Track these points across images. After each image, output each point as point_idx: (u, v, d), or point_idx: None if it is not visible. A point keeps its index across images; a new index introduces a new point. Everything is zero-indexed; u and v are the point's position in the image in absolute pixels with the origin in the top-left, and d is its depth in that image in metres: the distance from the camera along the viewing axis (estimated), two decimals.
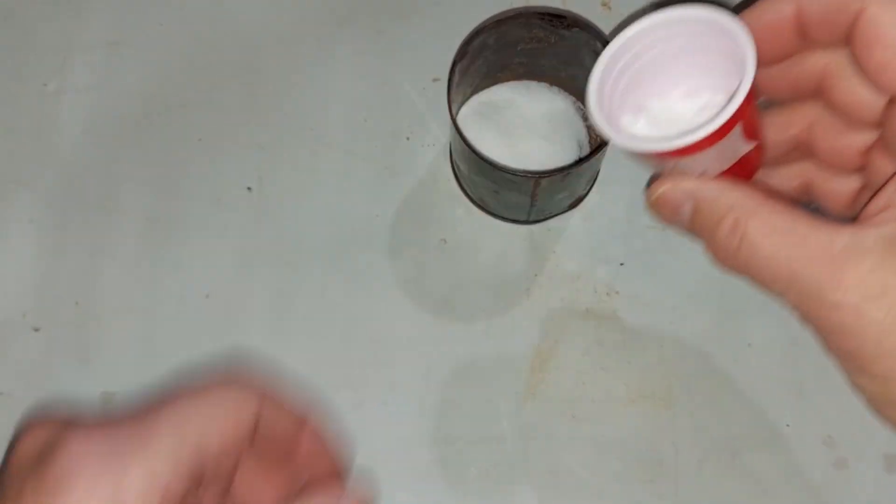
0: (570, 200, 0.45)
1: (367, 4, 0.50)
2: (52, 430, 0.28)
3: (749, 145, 0.29)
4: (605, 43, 0.39)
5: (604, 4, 0.49)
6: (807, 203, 0.34)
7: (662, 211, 0.31)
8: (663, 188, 0.30)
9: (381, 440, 0.43)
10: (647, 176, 0.47)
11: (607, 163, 0.46)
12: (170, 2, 0.50)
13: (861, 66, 0.29)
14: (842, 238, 0.27)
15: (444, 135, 0.48)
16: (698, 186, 0.30)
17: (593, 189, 0.46)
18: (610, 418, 0.43)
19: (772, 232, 0.28)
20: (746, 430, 0.43)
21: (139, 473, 0.26)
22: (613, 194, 0.46)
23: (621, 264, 0.45)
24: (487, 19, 0.42)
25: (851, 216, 0.30)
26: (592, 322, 0.44)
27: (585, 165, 0.40)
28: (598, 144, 0.45)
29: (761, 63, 0.28)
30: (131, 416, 0.28)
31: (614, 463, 0.42)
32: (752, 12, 0.30)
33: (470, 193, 0.46)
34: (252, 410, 0.30)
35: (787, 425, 0.43)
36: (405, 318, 0.44)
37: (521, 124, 0.45)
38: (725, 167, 0.29)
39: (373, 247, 0.46)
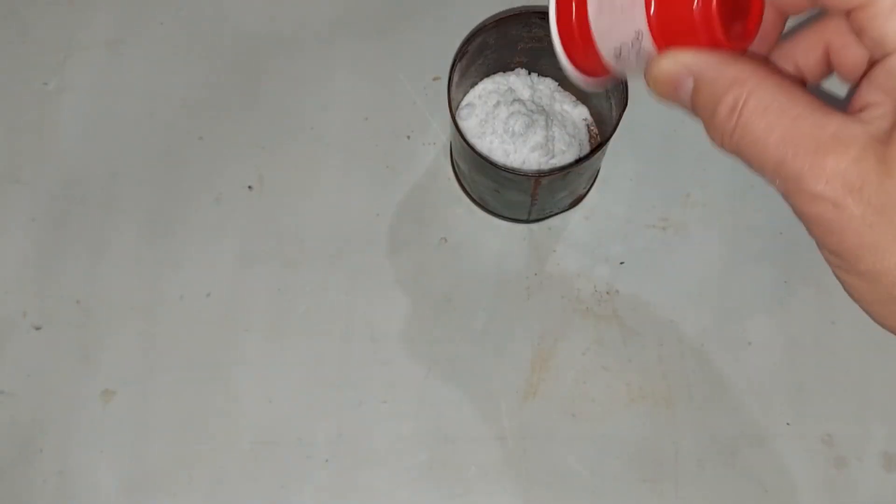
0: (571, 199, 0.45)
1: (367, 4, 0.50)
2: None
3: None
4: None
5: None
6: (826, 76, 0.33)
7: (662, 88, 0.29)
8: (663, 62, 0.29)
9: (381, 439, 0.43)
10: (647, 175, 0.47)
11: (607, 162, 0.46)
12: (170, 1, 0.50)
13: None
14: (832, 125, 0.26)
15: (444, 134, 0.48)
16: (699, 59, 0.28)
17: (593, 188, 0.46)
18: (610, 418, 0.43)
19: (767, 110, 0.27)
20: (746, 429, 0.43)
21: None
22: (614, 193, 0.46)
23: (621, 263, 0.45)
24: (487, 19, 0.42)
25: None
26: (592, 321, 0.44)
27: (585, 164, 0.40)
28: (598, 143, 0.45)
29: None
30: None
31: (614, 462, 0.42)
32: None
33: (470, 192, 0.46)
34: None
35: (787, 424, 0.43)
36: (405, 318, 0.45)
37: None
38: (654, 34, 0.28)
39: (373, 246, 0.46)
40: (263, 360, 0.44)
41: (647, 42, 0.28)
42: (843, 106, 0.28)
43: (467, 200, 0.46)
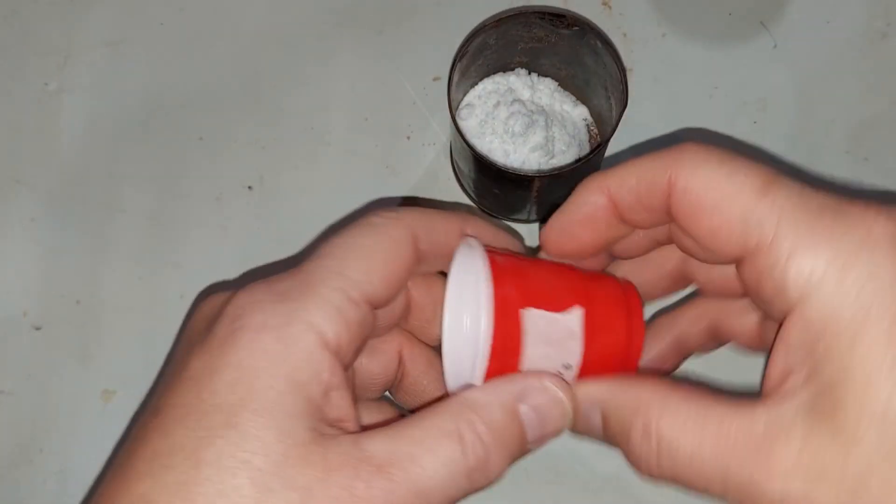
0: None
1: (367, 4, 0.50)
2: (223, 295, 0.27)
3: (578, 321, 0.26)
4: (605, 42, 0.39)
5: (604, 4, 0.50)
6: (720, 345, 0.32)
7: (574, 424, 0.28)
8: (565, 398, 0.27)
9: None
10: None
11: (607, 162, 0.46)
12: (170, 2, 0.50)
13: (693, 238, 0.26)
14: (760, 416, 0.23)
15: (444, 134, 0.48)
16: (602, 390, 0.27)
17: None
18: None
19: (687, 426, 0.24)
20: None
21: (302, 330, 0.24)
22: None
23: None
24: (487, 19, 0.42)
25: (764, 350, 0.27)
26: None
27: (585, 165, 0.40)
28: (598, 143, 0.45)
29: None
30: (294, 269, 0.27)
31: (614, 462, 0.42)
32: (567, 208, 0.28)
33: (470, 192, 0.46)
34: (408, 235, 0.27)
35: None
36: None
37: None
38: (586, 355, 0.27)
39: None
40: None
41: (571, 376, 0.26)
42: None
43: (468, 201, 0.46)
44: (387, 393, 0.31)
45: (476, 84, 0.45)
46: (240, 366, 0.24)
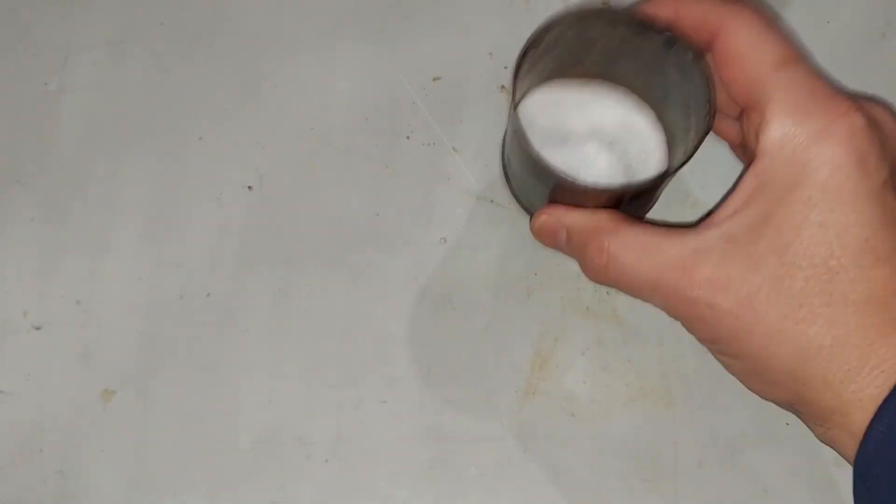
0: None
1: (367, 4, 0.50)
2: None
3: None
4: (696, 55, 0.35)
5: (604, 3, 0.50)
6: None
7: (544, 237, 0.38)
8: (542, 218, 0.37)
9: (381, 439, 0.43)
10: None
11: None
12: (170, 1, 0.50)
13: (718, 75, 0.33)
14: (690, 243, 0.32)
15: (444, 134, 0.48)
16: (567, 215, 0.36)
17: None
18: (610, 417, 0.43)
19: (631, 247, 0.33)
20: (746, 428, 0.43)
21: None
22: None
23: None
24: (563, 14, 0.38)
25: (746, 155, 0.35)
26: (592, 321, 0.44)
27: (649, 185, 0.37)
28: (665, 171, 0.39)
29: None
30: None
31: (614, 462, 0.42)
32: (640, 4, 0.35)
33: (517, 195, 0.45)
34: None
35: (787, 424, 0.43)
36: (405, 317, 0.45)
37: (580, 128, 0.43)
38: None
39: (373, 246, 0.46)
40: (263, 360, 0.44)
41: None
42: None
43: (467, 200, 0.46)
44: None
45: (541, 84, 0.42)
46: None
